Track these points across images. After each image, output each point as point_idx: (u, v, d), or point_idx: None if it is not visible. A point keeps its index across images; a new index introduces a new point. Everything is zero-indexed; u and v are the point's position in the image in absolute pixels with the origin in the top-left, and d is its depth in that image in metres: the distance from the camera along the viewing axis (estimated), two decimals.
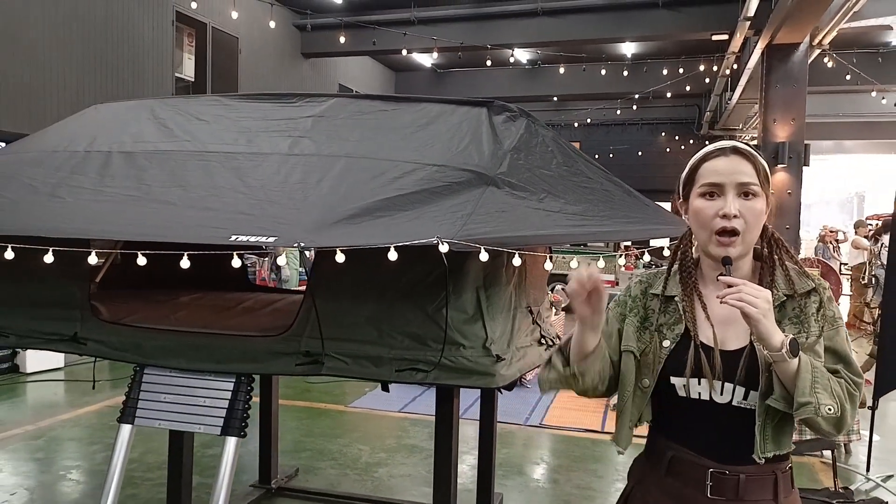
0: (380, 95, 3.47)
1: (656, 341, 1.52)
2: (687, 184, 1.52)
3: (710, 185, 1.46)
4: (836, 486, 3.67)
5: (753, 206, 1.44)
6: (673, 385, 1.50)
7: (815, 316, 1.45)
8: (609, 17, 12.69)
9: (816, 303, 1.46)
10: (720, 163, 1.47)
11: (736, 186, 1.44)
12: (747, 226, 1.43)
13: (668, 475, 1.52)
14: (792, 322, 1.45)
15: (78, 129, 3.20)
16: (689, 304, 1.51)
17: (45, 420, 5.39)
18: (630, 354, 1.55)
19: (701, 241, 1.50)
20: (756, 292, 1.32)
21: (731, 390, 1.44)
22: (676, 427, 1.53)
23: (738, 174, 1.44)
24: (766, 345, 1.33)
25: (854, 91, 14.59)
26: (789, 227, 9.96)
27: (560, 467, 4.63)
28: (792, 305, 1.46)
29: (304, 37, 14.45)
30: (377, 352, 2.49)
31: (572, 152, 2.96)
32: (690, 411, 1.49)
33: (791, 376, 1.34)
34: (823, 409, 1.32)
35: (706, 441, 1.48)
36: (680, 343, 1.50)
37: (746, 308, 1.31)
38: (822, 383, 1.34)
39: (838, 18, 9.28)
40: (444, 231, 2.09)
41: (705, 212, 1.46)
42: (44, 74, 8.70)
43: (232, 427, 2.62)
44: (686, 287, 1.53)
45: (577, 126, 20.20)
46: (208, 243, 2.23)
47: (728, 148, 1.48)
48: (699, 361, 1.45)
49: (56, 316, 2.88)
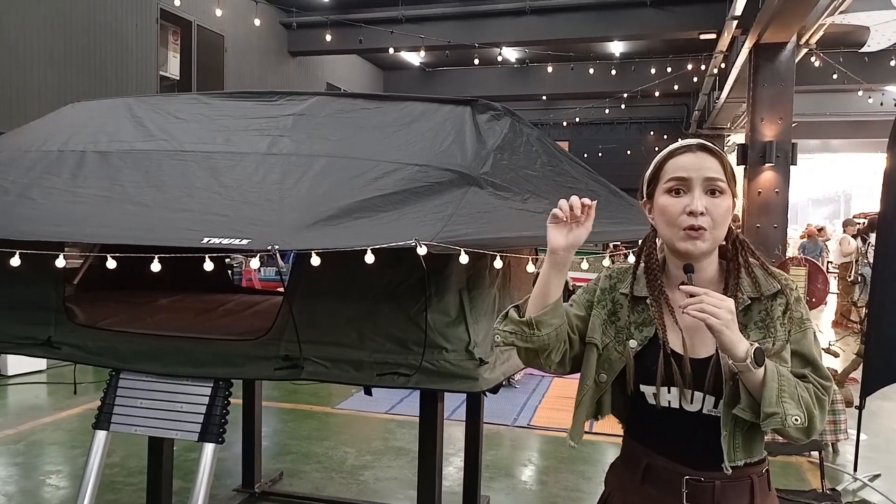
0: (363, 94, 3.42)
1: (622, 339, 1.48)
2: (651, 181, 1.48)
3: (677, 179, 1.41)
4: (823, 486, 3.65)
5: (720, 203, 1.40)
6: (643, 392, 1.46)
7: (782, 319, 1.42)
8: (597, 16, 12.69)
9: (783, 305, 1.42)
10: (686, 159, 1.43)
11: (703, 182, 1.40)
12: (714, 223, 1.40)
13: (644, 482, 1.49)
14: (758, 326, 1.42)
15: (53, 129, 3.13)
16: (658, 309, 1.47)
17: (25, 424, 5.30)
18: (593, 347, 1.50)
19: (666, 239, 1.45)
20: (718, 302, 1.29)
21: (700, 399, 1.42)
22: (650, 434, 1.50)
23: (704, 169, 1.41)
24: (731, 355, 1.30)
25: (841, 90, 14.67)
26: (777, 227, 9.99)
27: (548, 469, 4.60)
28: (758, 308, 1.43)
29: (291, 35, 14.36)
30: (358, 355, 2.44)
31: (557, 152, 2.93)
32: (662, 419, 1.46)
33: (757, 386, 1.31)
34: (790, 420, 1.30)
35: (679, 448, 1.46)
36: (648, 347, 1.46)
37: (709, 319, 1.28)
38: (788, 391, 1.31)
39: (825, 18, 9.32)
40: (424, 232, 2.04)
41: (671, 209, 1.41)
42: (24, 74, 8.58)
43: (209, 433, 2.56)
44: (653, 290, 1.49)
45: (566, 125, 20.20)
46: (181, 246, 2.17)
47: (694, 144, 1.45)
48: (670, 370, 1.41)
49: (29, 320, 2.81)
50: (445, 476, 4.18)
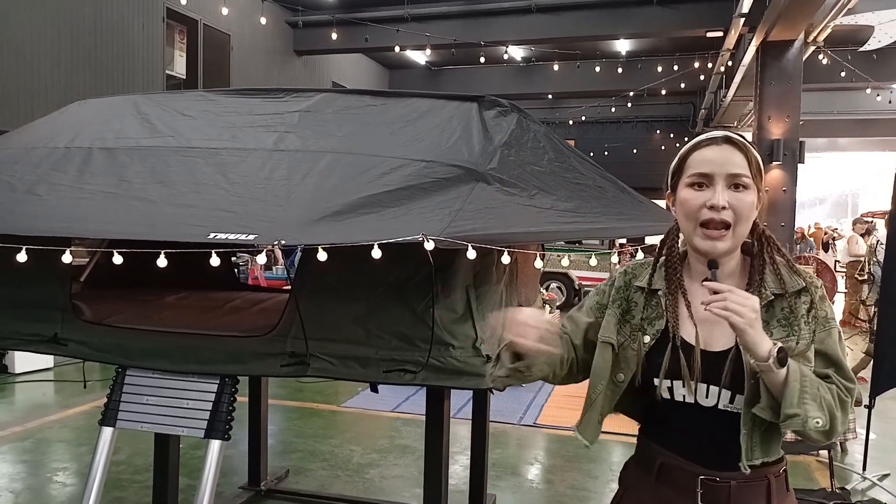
0: (369, 91, 3.41)
1: (637, 336, 1.46)
2: (675, 174, 1.45)
3: (699, 174, 1.38)
4: (832, 486, 3.62)
5: (744, 198, 1.37)
6: (656, 387, 1.44)
7: (806, 317, 1.38)
8: (603, 14, 12.66)
9: (807, 303, 1.39)
10: (710, 152, 1.39)
11: (726, 178, 1.37)
12: (737, 218, 1.36)
13: (658, 482, 1.46)
14: (781, 324, 1.39)
15: (60, 126, 3.12)
16: (673, 301, 1.45)
17: (32, 421, 5.32)
18: (608, 346, 1.48)
19: (686, 234, 1.42)
20: (742, 300, 1.26)
21: (716, 393, 1.39)
22: (665, 431, 1.47)
23: (728, 164, 1.37)
24: (753, 354, 1.28)
25: (849, 88, 14.58)
26: (784, 225, 9.94)
27: (554, 467, 4.58)
28: (781, 305, 1.40)
29: (297, 34, 14.37)
30: (364, 352, 2.43)
31: (564, 148, 2.91)
32: (677, 415, 1.43)
33: (779, 385, 1.28)
34: (811, 423, 1.27)
35: (695, 446, 1.43)
36: (660, 340, 1.44)
37: (732, 318, 1.25)
38: (811, 393, 1.28)
39: (832, 16, 9.27)
40: (431, 228, 2.03)
41: (692, 202, 1.38)
42: (31, 74, 8.60)
43: (216, 430, 2.55)
44: (671, 282, 1.46)
45: (572, 124, 20.14)
46: (186, 241, 2.17)
47: (720, 137, 1.41)
48: (677, 362, 1.39)
49: (36, 317, 2.80)
50: (452, 474, 4.16)
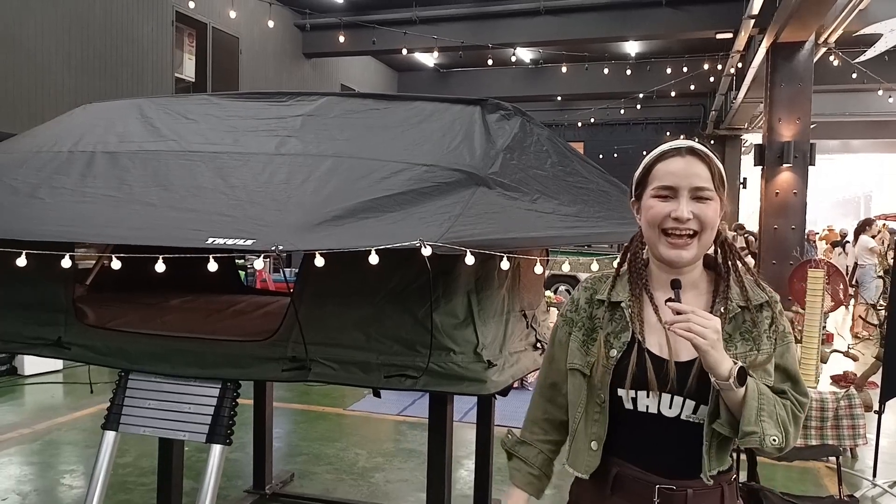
0: (372, 94, 3.40)
1: (603, 352, 1.45)
2: (640, 184, 1.47)
3: (664, 187, 1.40)
4: (840, 493, 3.58)
5: (706, 209, 1.39)
6: (620, 397, 1.43)
7: (768, 331, 1.41)
8: (612, 16, 12.60)
9: (769, 318, 1.43)
10: (675, 164, 1.41)
11: (690, 190, 1.39)
12: (703, 226, 1.39)
13: (613, 494, 1.46)
14: (744, 337, 1.41)
15: (64, 130, 3.14)
16: (638, 308, 1.44)
17: (41, 423, 5.35)
18: (576, 373, 1.48)
19: (651, 242, 1.43)
20: (705, 322, 1.29)
21: (680, 404, 1.39)
22: (622, 442, 1.46)
23: (692, 177, 1.39)
24: (714, 373, 1.30)
25: (860, 90, 14.43)
26: (795, 228, 9.85)
27: (561, 473, 4.55)
28: (744, 318, 1.42)
29: (305, 37, 14.40)
30: (365, 357, 2.42)
31: (568, 152, 2.89)
32: (638, 425, 1.43)
33: (737, 403, 1.32)
34: (768, 440, 1.31)
35: (653, 456, 1.43)
36: (627, 351, 1.43)
37: (695, 339, 1.28)
38: (767, 411, 1.32)
39: (842, 17, 9.19)
40: (430, 233, 2.01)
41: (656, 210, 1.40)
42: (42, 76, 8.66)
43: (217, 434, 2.55)
44: (635, 289, 1.46)
45: (581, 126, 20.05)
46: (185, 245, 2.16)
47: (684, 148, 1.42)
48: (644, 371, 1.38)
49: (39, 320, 2.82)
50: (457, 479, 4.15)
